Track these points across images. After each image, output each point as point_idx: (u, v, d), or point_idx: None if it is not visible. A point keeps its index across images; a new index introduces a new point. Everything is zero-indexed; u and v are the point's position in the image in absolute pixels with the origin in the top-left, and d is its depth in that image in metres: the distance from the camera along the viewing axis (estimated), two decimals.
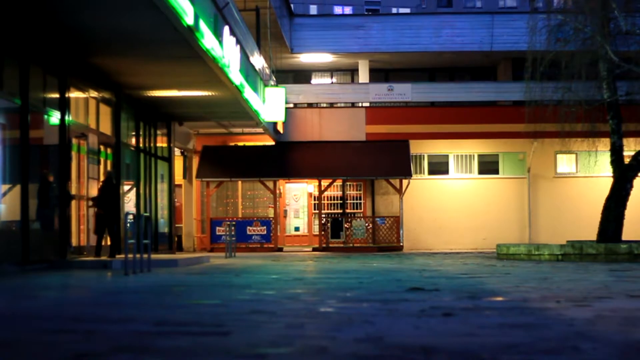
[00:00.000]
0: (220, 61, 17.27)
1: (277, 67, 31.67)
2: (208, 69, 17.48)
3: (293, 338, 5.08)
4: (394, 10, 64.12)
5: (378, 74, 35.56)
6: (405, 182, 29.95)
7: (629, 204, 21.48)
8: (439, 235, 31.53)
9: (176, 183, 27.85)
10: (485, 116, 31.59)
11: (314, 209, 32.19)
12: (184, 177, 30.17)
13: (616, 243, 19.82)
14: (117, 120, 20.36)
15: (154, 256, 15.98)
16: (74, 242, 17.59)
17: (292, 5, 34.43)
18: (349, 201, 32.54)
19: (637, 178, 21.94)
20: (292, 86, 32.54)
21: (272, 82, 28.89)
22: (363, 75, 34.44)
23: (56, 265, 15.63)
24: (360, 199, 32.57)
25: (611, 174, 22.02)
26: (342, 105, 33.38)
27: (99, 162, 19.31)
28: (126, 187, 21.45)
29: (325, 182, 30.39)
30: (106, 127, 19.83)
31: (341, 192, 32.43)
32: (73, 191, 17.45)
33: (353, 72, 36.11)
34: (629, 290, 9.12)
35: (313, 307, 7.15)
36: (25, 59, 14.97)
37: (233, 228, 24.55)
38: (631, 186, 21.53)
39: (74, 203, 17.55)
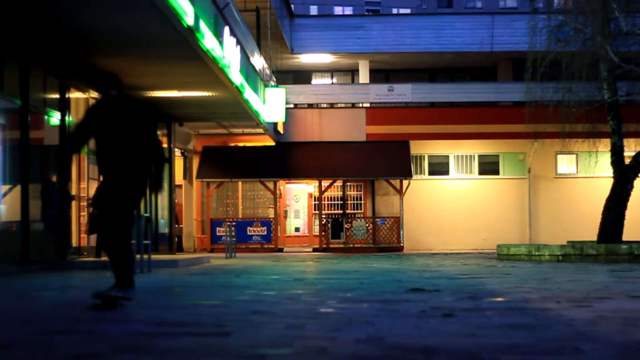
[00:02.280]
0: (220, 62, 17.27)
1: (277, 68, 31.67)
2: (208, 69, 17.47)
3: (293, 338, 5.08)
4: (395, 11, 64.10)
5: (378, 75, 35.57)
6: (405, 182, 29.95)
7: (629, 204, 21.46)
8: (439, 235, 31.53)
9: (176, 183, 27.85)
10: (485, 117, 31.58)
11: (314, 210, 32.18)
12: (184, 177, 30.17)
13: (617, 244, 19.80)
14: None
15: (154, 257, 15.98)
16: (74, 242, 17.59)
17: (292, 6, 34.44)
18: (349, 202, 32.54)
19: (637, 179, 21.93)
20: (293, 86, 32.54)
21: (272, 83, 28.89)
22: (363, 76, 34.44)
23: (56, 266, 15.62)
24: (360, 200, 32.57)
25: (611, 175, 22.00)
26: (343, 105, 33.38)
27: None
28: None
29: (325, 183, 30.39)
30: None
31: (341, 193, 32.43)
32: (73, 192, 17.45)
33: (353, 72, 36.12)
34: (630, 290, 9.11)
35: (313, 308, 7.15)
36: (25, 59, 14.98)
37: (233, 229, 24.54)
38: (631, 187, 21.51)
39: (74, 203, 17.55)
